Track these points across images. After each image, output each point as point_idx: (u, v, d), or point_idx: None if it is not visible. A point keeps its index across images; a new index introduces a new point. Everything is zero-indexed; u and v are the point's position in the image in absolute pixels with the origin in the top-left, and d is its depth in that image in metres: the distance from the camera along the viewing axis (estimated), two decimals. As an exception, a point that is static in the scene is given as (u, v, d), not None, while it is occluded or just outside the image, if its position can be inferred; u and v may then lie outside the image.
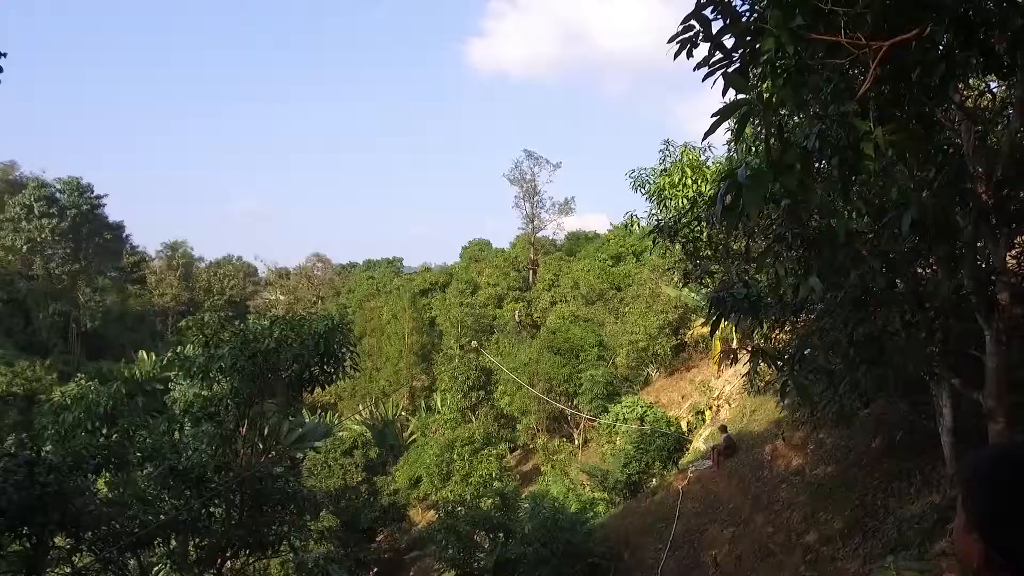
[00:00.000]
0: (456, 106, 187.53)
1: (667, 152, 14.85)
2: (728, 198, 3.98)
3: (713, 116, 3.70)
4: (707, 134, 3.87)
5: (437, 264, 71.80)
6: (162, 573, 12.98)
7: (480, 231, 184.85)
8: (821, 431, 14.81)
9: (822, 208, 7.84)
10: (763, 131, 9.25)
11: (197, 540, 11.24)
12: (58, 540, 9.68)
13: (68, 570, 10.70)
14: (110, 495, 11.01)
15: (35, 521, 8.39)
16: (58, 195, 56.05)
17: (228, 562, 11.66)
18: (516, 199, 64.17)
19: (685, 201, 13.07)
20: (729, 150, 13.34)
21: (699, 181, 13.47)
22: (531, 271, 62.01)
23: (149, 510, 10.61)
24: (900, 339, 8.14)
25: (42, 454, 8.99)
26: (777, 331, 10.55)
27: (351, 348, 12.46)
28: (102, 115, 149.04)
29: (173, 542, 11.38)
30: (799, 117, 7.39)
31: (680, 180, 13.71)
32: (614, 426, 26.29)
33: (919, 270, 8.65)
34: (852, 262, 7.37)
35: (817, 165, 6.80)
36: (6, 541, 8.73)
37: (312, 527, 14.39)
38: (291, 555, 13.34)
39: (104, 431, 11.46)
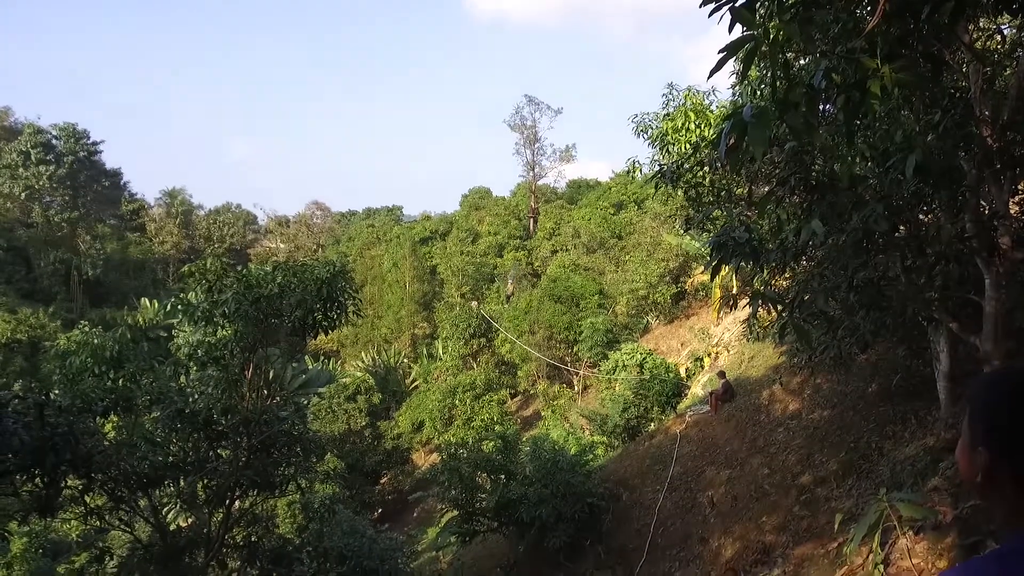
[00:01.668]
0: (455, 51, 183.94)
1: (670, 96, 14.62)
2: (732, 138, 3.95)
3: (720, 52, 3.65)
4: (713, 71, 3.81)
5: (437, 212, 71.54)
6: (172, 512, 13.35)
7: (481, 179, 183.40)
8: (818, 376, 15.02)
9: (825, 152, 7.80)
10: (768, 72, 9.12)
11: (206, 480, 11.48)
12: (71, 480, 9.86)
13: (81, 509, 10.99)
14: (117, 438, 11.20)
15: (47, 462, 8.52)
16: (54, 141, 55.48)
17: (237, 502, 11.95)
18: (517, 146, 63.56)
19: (688, 146, 12.93)
20: (733, 94, 13.16)
21: (702, 126, 13.29)
22: (532, 219, 61.76)
23: (158, 451, 10.82)
24: (900, 284, 8.18)
25: (51, 397, 9.10)
26: (777, 277, 10.59)
27: (354, 294, 12.50)
28: (93, 59, 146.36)
29: (182, 483, 11.64)
30: (805, 60, 7.29)
31: (683, 125, 13.53)
32: (613, 372, 26.62)
33: (921, 215, 8.64)
34: (854, 206, 7.35)
35: (822, 108, 6.75)
36: (19, 481, 8.89)
37: (318, 469, 14.69)
38: (298, 495, 13.68)
39: (111, 375, 11.56)
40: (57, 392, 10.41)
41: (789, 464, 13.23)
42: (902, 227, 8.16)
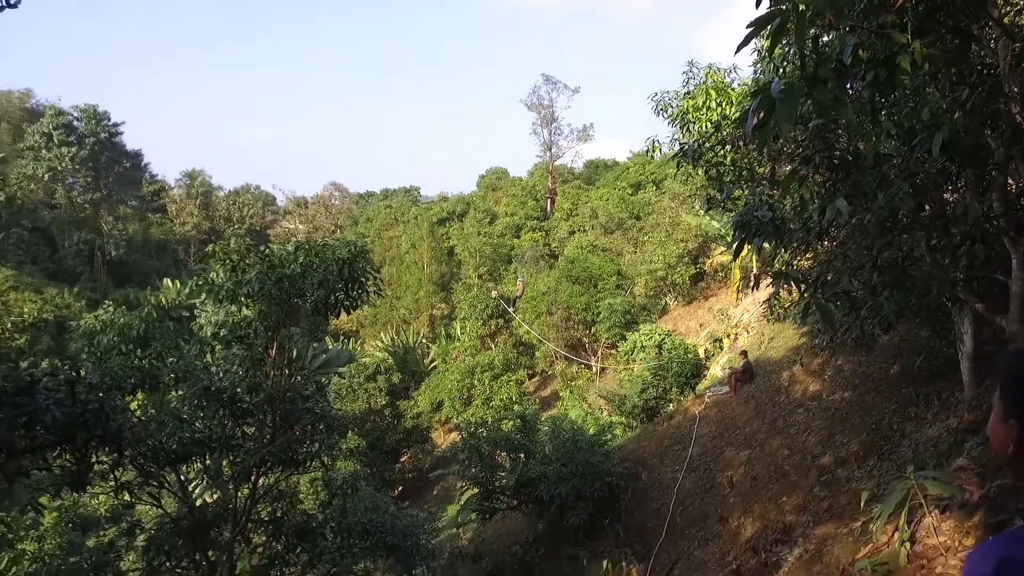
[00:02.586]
0: (473, 30, 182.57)
1: (691, 74, 14.46)
2: (759, 115, 3.93)
3: (747, 28, 3.62)
4: (740, 47, 3.79)
5: (454, 193, 71.50)
6: (199, 488, 13.62)
7: (498, 159, 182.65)
8: (840, 357, 14.93)
9: (850, 130, 7.70)
10: (792, 49, 9.00)
11: (231, 457, 11.69)
12: (101, 456, 10.04)
13: (111, 484, 11.24)
14: (144, 415, 11.40)
15: (78, 437, 8.66)
16: (76, 123, 55.99)
17: (262, 478, 12.17)
18: (534, 126, 63.30)
19: (709, 125, 12.80)
20: (755, 71, 12.99)
21: (724, 104, 13.14)
22: (549, 200, 61.57)
23: (185, 428, 11.03)
24: (924, 264, 8.10)
25: (81, 374, 9.25)
26: (800, 257, 10.52)
27: (374, 274, 12.59)
28: (110, 43, 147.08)
29: (208, 459, 11.87)
30: (829, 36, 7.18)
31: (704, 103, 13.39)
32: (631, 353, 26.62)
33: (947, 194, 8.53)
34: (879, 185, 7.28)
35: (848, 86, 6.66)
36: (51, 457, 9.05)
37: (340, 447, 14.90)
38: (321, 472, 13.90)
39: (138, 354, 11.77)
40: (86, 370, 10.60)
41: (809, 445, 13.21)
42: (927, 206, 8.06)
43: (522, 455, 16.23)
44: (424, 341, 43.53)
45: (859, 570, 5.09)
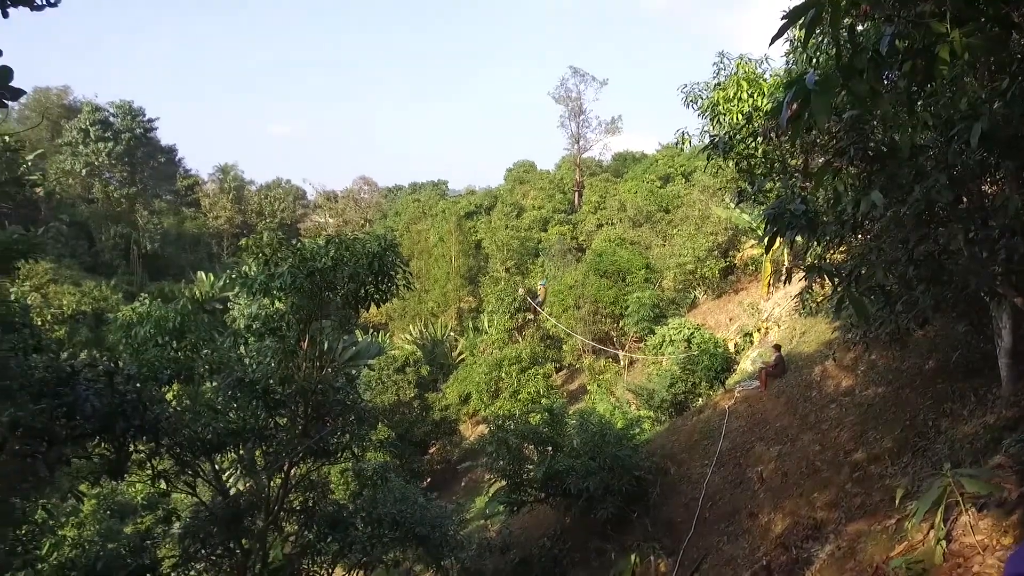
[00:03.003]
0: (499, 24, 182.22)
1: (721, 65, 14.31)
2: (794, 106, 3.88)
3: (783, 19, 3.58)
4: (775, 38, 3.75)
5: (482, 187, 71.62)
6: (233, 477, 13.88)
7: (525, 153, 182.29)
8: (873, 352, 14.68)
9: (886, 121, 7.56)
10: (826, 39, 8.85)
11: (264, 447, 11.90)
12: (138, 445, 10.26)
13: (148, 472, 11.51)
14: (179, 406, 11.63)
15: (116, 427, 8.86)
16: (112, 119, 57.07)
17: (294, 468, 12.36)
18: (562, 118, 63.10)
19: (740, 116, 12.66)
20: (788, 62, 12.80)
21: (755, 95, 12.99)
22: (577, 193, 61.37)
23: (220, 419, 11.25)
24: (962, 257, 7.93)
25: (120, 365, 9.47)
26: (833, 251, 10.36)
27: (403, 267, 12.69)
28: (143, 40, 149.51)
29: (242, 449, 12.09)
30: (865, 26, 7.05)
31: (735, 94, 13.24)
32: (660, 347, 26.48)
33: (986, 186, 8.33)
34: (916, 177, 7.15)
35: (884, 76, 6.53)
36: (91, 446, 9.26)
37: (370, 438, 15.08)
38: (351, 463, 14.08)
39: (174, 345, 12.03)
40: (124, 361, 10.84)
41: (842, 441, 13.04)
42: (965, 198, 7.89)
43: (550, 448, 16.25)
44: (452, 334, 43.76)
45: (893, 568, 5.02)
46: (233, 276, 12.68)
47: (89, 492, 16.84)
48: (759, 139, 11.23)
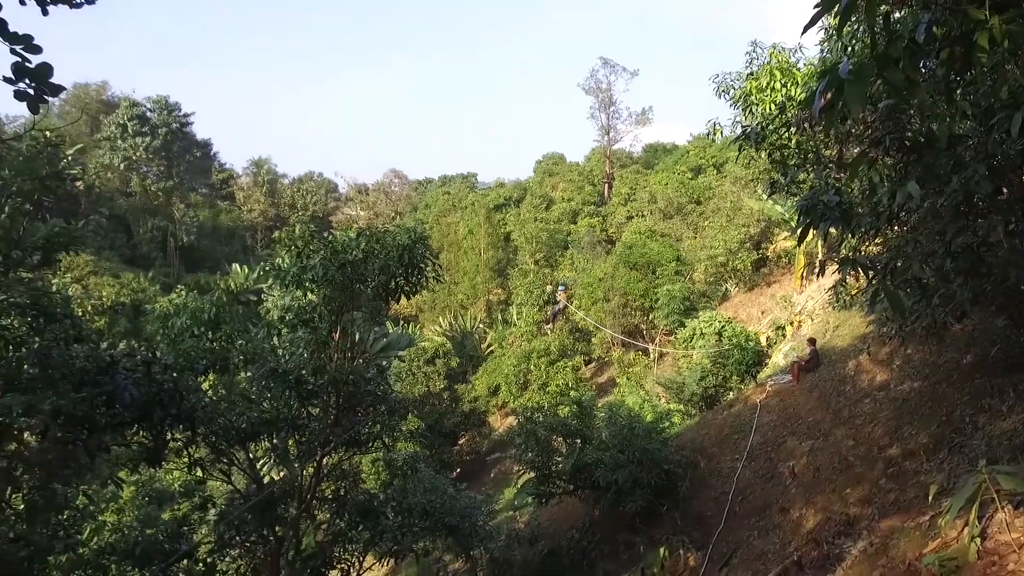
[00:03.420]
0: (529, 16, 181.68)
1: (754, 55, 14.10)
2: (827, 96, 3.83)
3: (816, 7, 3.54)
4: (807, 26, 3.70)
5: (511, 179, 71.59)
6: (267, 466, 14.14)
7: (555, 145, 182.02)
8: (909, 346, 14.41)
9: (923, 110, 7.40)
10: (861, 27, 8.68)
11: (297, 436, 12.11)
12: (175, 434, 10.49)
13: (185, 460, 11.78)
14: (214, 397, 11.87)
15: (154, 415, 9.07)
16: (149, 113, 58.20)
17: (326, 457, 12.56)
18: (591, 110, 62.74)
19: (773, 107, 12.47)
20: (822, 51, 12.57)
21: (789, 85, 12.77)
22: (607, 185, 61.06)
23: (254, 408, 11.48)
24: (1002, 249, 7.74)
25: (157, 355, 9.68)
26: (868, 243, 10.18)
27: (433, 260, 12.78)
28: (178, 34, 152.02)
29: (276, 438, 12.32)
30: (901, 13, 6.90)
31: (768, 84, 13.04)
32: (690, 340, 26.28)
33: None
34: (954, 168, 6.99)
35: (921, 64, 6.38)
36: (130, 434, 9.50)
37: (401, 428, 15.25)
38: (382, 453, 14.25)
39: (209, 336, 12.26)
40: (161, 351, 11.09)
41: (876, 436, 12.84)
42: (1005, 189, 7.70)
43: (578, 441, 16.26)
44: (481, 326, 43.91)
45: (926, 565, 4.94)
46: (267, 268, 12.87)
47: (128, 479, 17.29)
48: (792, 129, 11.07)
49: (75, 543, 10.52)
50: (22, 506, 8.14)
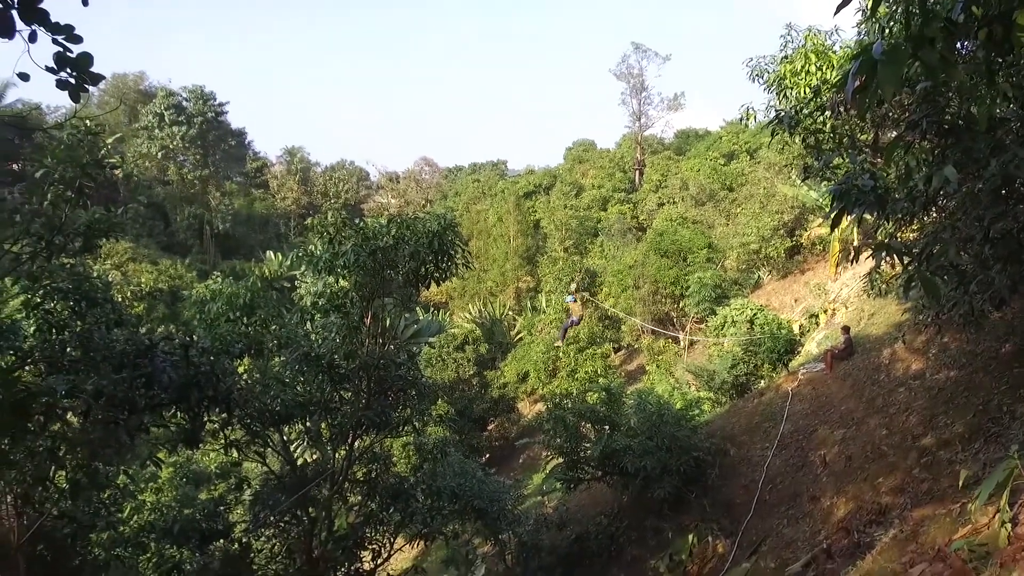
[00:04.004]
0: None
1: (789, 38, 13.88)
2: (860, 78, 3.78)
3: (847, -12, 3.49)
4: (841, 6, 3.65)
5: (541, 166, 71.38)
6: (300, 448, 14.42)
7: (585, 132, 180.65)
8: (946, 335, 14.13)
9: (962, 93, 7.23)
10: (898, 8, 8.50)
11: (329, 419, 12.32)
12: (212, 416, 10.72)
13: (221, 441, 12.07)
14: (249, 380, 12.10)
15: (192, 397, 9.27)
16: (184, 103, 59.09)
17: (357, 441, 12.76)
18: (623, 95, 62.15)
19: (808, 90, 12.27)
20: (859, 33, 12.32)
21: (824, 68, 12.56)
22: (637, 172, 60.56)
23: (287, 391, 11.70)
24: (1043, 235, 7.55)
25: (194, 339, 9.88)
26: (904, 229, 9.99)
27: (463, 246, 12.85)
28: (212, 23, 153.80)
29: (309, 421, 12.55)
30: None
31: (803, 67, 12.83)
32: (721, 328, 26.07)
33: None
34: (993, 151, 6.83)
35: (959, 45, 6.22)
36: (168, 415, 9.74)
37: (431, 412, 15.44)
38: (413, 436, 14.44)
39: (244, 321, 12.51)
40: (198, 335, 11.33)
41: (910, 425, 12.65)
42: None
43: (607, 427, 16.28)
44: (510, 313, 44.02)
45: (955, 550, 4.89)
46: (300, 255, 13.08)
47: (167, 460, 17.78)
48: (827, 113, 10.88)
49: (116, 521, 10.87)
50: (66, 485, 8.41)
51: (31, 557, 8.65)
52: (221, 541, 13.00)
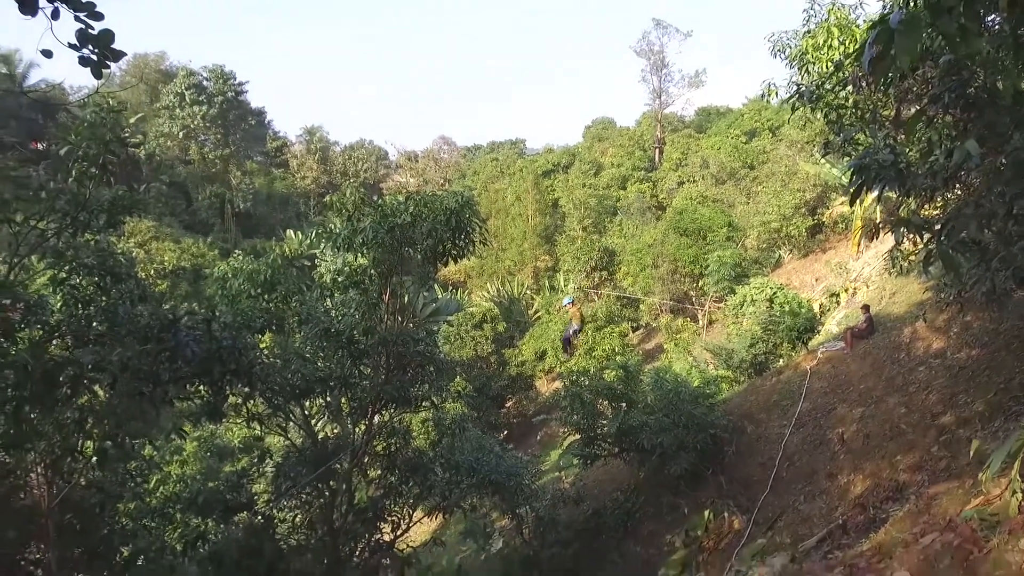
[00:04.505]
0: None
1: (812, 12, 13.63)
2: (877, 48, 3.75)
3: (866, -44, 3.45)
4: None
5: (560, 145, 70.95)
6: (321, 422, 14.66)
7: (605, 110, 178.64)
8: (968, 313, 13.98)
9: (987, 66, 7.09)
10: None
11: (349, 395, 12.50)
12: (234, 390, 10.91)
13: (244, 415, 12.31)
14: (270, 355, 12.29)
15: (214, 371, 9.44)
16: (205, 83, 59.29)
17: (377, 416, 12.95)
18: (643, 73, 61.51)
19: (830, 64, 12.08)
20: (884, 6, 12.07)
21: (847, 42, 12.33)
22: (657, 150, 60.05)
23: (308, 366, 11.89)
24: (1068, 212, 7.43)
25: (216, 314, 10.03)
26: (927, 206, 9.87)
27: (480, 223, 12.90)
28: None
29: (329, 396, 12.75)
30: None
31: (825, 42, 12.61)
32: (740, 307, 25.93)
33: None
34: (1017, 125, 6.71)
35: (983, 15, 6.10)
36: (192, 388, 9.93)
37: (449, 388, 15.60)
38: (431, 412, 14.62)
39: (265, 297, 12.69)
40: (220, 310, 11.50)
41: (929, 404, 12.59)
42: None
43: (623, 404, 16.34)
44: (528, 292, 44.05)
45: (965, 519, 4.92)
46: (319, 232, 13.21)
47: (191, 434, 18.17)
48: (849, 88, 10.72)
49: (142, 491, 11.16)
50: (94, 457, 8.63)
51: (60, 525, 8.91)
52: (244, 513, 13.28)
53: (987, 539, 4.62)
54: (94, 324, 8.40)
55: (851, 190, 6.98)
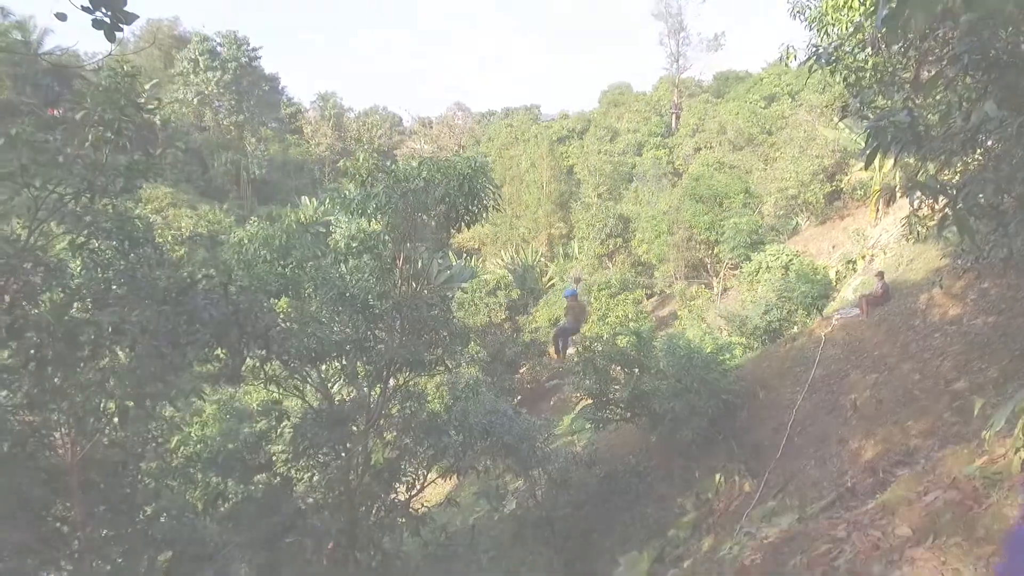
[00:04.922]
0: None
1: (834, -28, 13.33)
2: (891, 5, 3.70)
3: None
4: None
5: (575, 111, 70.19)
6: (337, 386, 14.89)
7: (621, 74, 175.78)
8: (985, 280, 13.88)
9: (1009, 25, 6.94)
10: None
11: (365, 358, 12.67)
12: (252, 353, 11.07)
13: (262, 379, 12.53)
14: (286, 320, 12.45)
15: (232, 334, 9.60)
16: (219, 48, 59.01)
17: (392, 379, 13.14)
18: (660, 36, 60.43)
19: (850, 26, 11.84)
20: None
21: (867, 2, 12.07)
22: (674, 115, 59.27)
23: (324, 329, 12.05)
24: (1088, 176, 7.31)
25: (233, 278, 10.16)
26: (946, 170, 9.73)
27: (493, 188, 12.90)
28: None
29: (345, 360, 12.93)
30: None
31: (846, 3, 12.36)
32: (756, 274, 25.84)
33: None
34: (1037, 86, 6.59)
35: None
36: (210, 351, 10.10)
37: (463, 353, 15.77)
38: (445, 376, 14.80)
39: (281, 263, 12.82)
40: (236, 275, 11.63)
41: (943, 370, 12.56)
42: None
43: (636, 369, 16.43)
44: (542, 259, 44.05)
45: (967, 475, 4.98)
46: (333, 197, 13.28)
47: (211, 396, 18.49)
48: (868, 50, 10.53)
49: (164, 451, 11.44)
50: (116, 417, 8.84)
51: (84, 483, 9.17)
52: (263, 473, 13.60)
53: (988, 495, 4.68)
54: (113, 287, 8.55)
55: (867, 152, 6.90)
